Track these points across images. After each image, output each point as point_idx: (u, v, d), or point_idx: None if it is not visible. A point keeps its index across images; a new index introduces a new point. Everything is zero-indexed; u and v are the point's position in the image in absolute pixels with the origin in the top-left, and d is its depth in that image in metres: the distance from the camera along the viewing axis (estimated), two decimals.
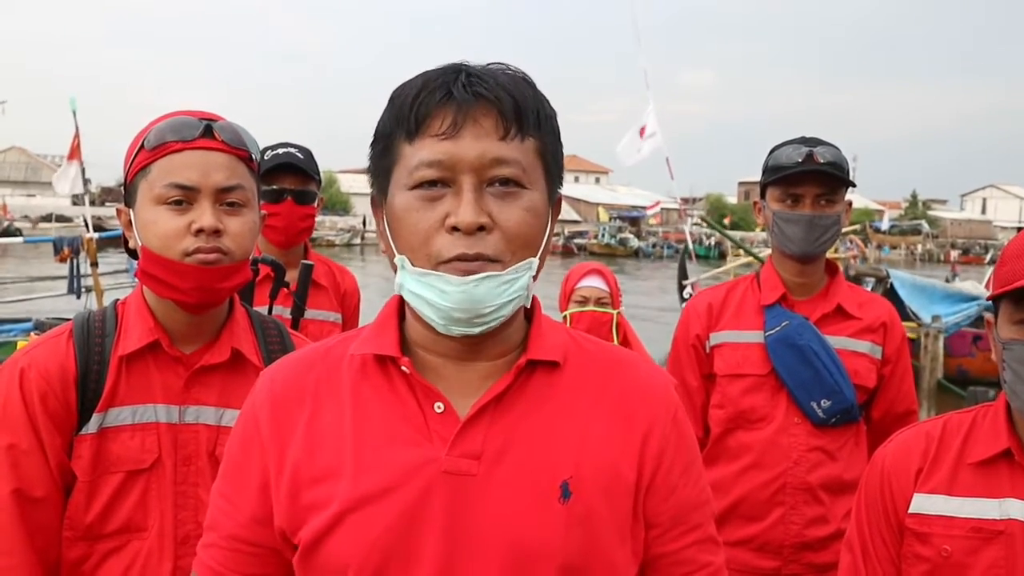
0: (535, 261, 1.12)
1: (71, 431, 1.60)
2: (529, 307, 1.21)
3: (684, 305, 2.98)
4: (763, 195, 2.57)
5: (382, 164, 1.14)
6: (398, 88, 1.13)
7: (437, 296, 1.08)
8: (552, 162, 1.15)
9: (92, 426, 1.59)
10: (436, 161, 1.07)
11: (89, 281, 9.18)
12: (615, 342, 3.37)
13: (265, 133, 1.79)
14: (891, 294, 12.97)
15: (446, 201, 1.08)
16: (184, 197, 1.57)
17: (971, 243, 70.66)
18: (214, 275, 1.58)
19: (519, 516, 1.10)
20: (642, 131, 11.78)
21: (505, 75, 1.11)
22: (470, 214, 1.06)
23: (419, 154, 1.08)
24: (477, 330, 1.11)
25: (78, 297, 9.40)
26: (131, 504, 1.61)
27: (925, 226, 64.14)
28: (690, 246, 14.34)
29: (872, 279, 13.78)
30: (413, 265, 1.10)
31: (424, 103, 1.08)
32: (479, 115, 1.08)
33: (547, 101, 1.15)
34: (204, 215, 1.56)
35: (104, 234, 9.56)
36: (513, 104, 1.09)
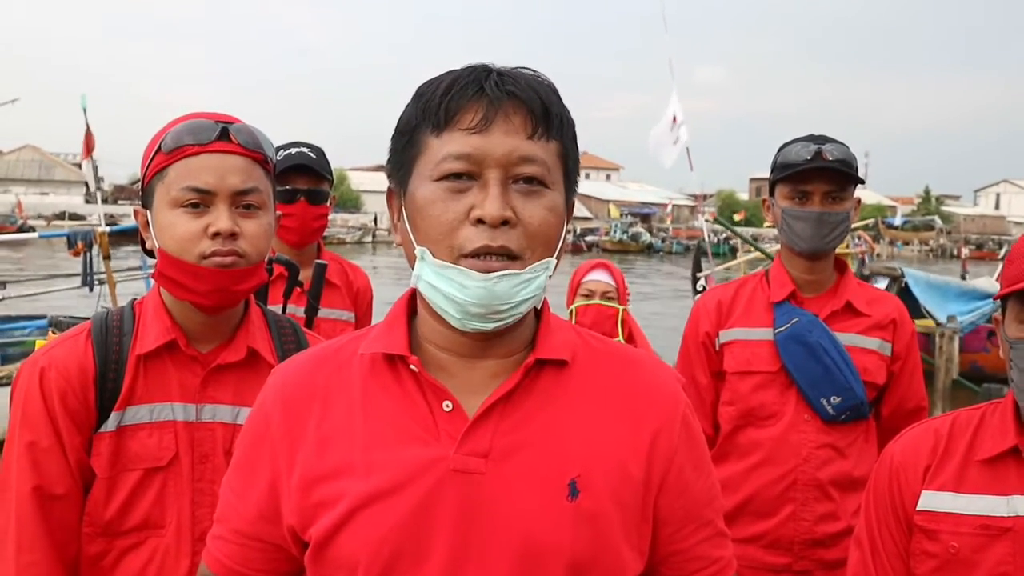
0: (552, 261, 1.14)
1: (90, 429, 1.62)
2: (539, 306, 1.23)
3: (696, 298, 2.99)
4: (772, 192, 2.58)
5: (404, 156, 1.16)
6: (425, 84, 1.15)
7: (456, 290, 1.10)
8: (571, 167, 1.18)
9: (111, 424, 1.62)
10: (465, 154, 1.09)
11: (103, 275, 9.28)
12: (620, 338, 3.38)
13: (276, 130, 1.81)
14: (905, 293, 12.90)
15: (471, 194, 1.10)
16: (201, 200, 1.59)
17: (984, 238, 70.18)
18: (230, 277, 1.60)
19: (527, 514, 1.12)
20: (674, 120, 11.69)
21: (533, 78, 1.14)
22: (496, 208, 1.08)
23: (447, 147, 1.10)
24: (492, 326, 1.12)
25: (91, 290, 9.50)
26: (149, 501, 1.63)
27: (938, 221, 63.67)
28: (706, 241, 14.32)
29: (887, 278, 13.70)
30: (434, 257, 1.11)
31: (455, 98, 1.10)
32: (510, 112, 1.10)
33: (568, 109, 1.18)
34: (220, 218, 1.58)
35: (116, 228, 9.66)
36: (542, 105, 1.12)
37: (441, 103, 1.11)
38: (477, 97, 1.10)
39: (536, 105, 1.11)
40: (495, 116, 1.10)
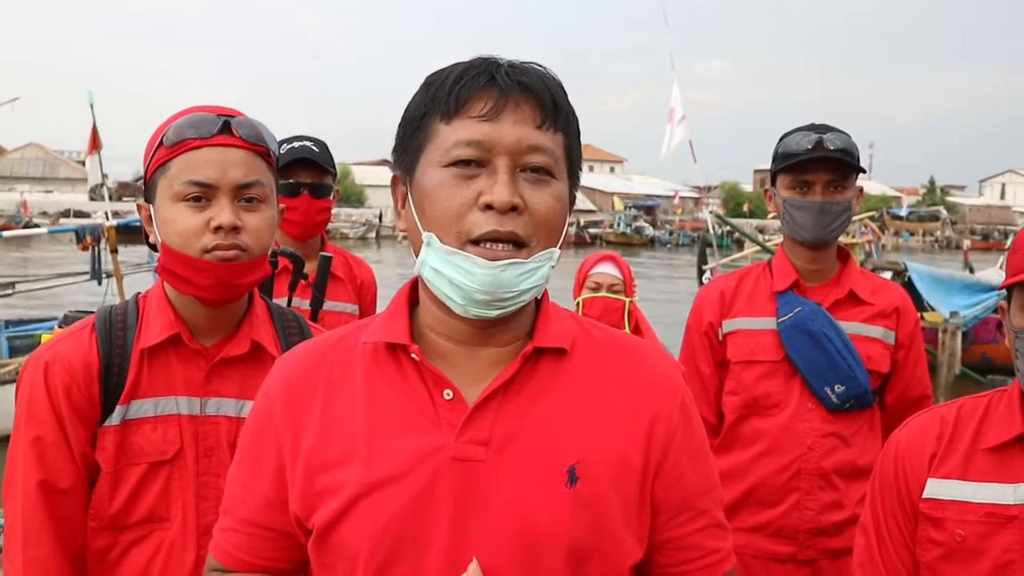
0: (556, 252, 1.16)
1: (95, 423, 1.63)
2: (539, 295, 1.23)
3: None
4: (774, 182, 2.58)
5: (412, 143, 1.17)
6: (434, 73, 1.17)
7: (463, 276, 1.11)
8: (574, 161, 1.20)
9: (115, 418, 1.62)
10: (475, 141, 1.11)
11: (111, 269, 9.36)
12: (627, 329, 3.39)
13: (279, 125, 1.81)
14: (909, 287, 12.90)
15: (480, 180, 1.11)
16: (203, 194, 1.58)
17: (990, 229, 69.95)
18: (233, 271, 1.60)
19: (527, 501, 1.13)
20: (671, 114, 11.71)
21: (543, 72, 1.17)
22: (506, 193, 1.09)
23: (457, 133, 1.12)
24: (495, 313, 1.13)
25: (99, 283, 9.59)
26: (154, 495, 1.64)
27: (943, 212, 63.51)
28: (711, 233, 14.33)
29: (890, 271, 13.69)
30: (441, 242, 1.12)
31: (466, 86, 1.12)
32: (520, 102, 1.12)
33: (572, 106, 1.20)
34: (223, 212, 1.58)
35: (123, 222, 9.74)
36: (551, 97, 1.14)
37: (452, 91, 1.12)
38: (488, 86, 1.12)
39: (546, 97, 1.14)
40: (505, 105, 1.11)
